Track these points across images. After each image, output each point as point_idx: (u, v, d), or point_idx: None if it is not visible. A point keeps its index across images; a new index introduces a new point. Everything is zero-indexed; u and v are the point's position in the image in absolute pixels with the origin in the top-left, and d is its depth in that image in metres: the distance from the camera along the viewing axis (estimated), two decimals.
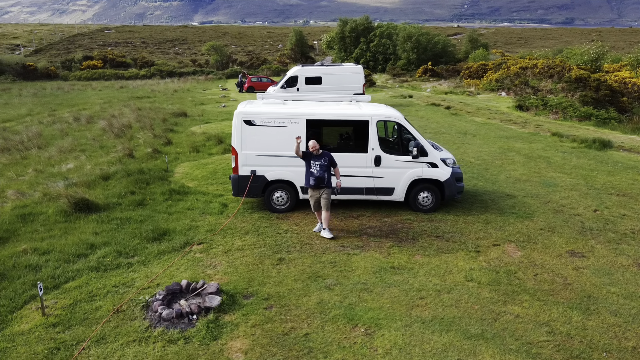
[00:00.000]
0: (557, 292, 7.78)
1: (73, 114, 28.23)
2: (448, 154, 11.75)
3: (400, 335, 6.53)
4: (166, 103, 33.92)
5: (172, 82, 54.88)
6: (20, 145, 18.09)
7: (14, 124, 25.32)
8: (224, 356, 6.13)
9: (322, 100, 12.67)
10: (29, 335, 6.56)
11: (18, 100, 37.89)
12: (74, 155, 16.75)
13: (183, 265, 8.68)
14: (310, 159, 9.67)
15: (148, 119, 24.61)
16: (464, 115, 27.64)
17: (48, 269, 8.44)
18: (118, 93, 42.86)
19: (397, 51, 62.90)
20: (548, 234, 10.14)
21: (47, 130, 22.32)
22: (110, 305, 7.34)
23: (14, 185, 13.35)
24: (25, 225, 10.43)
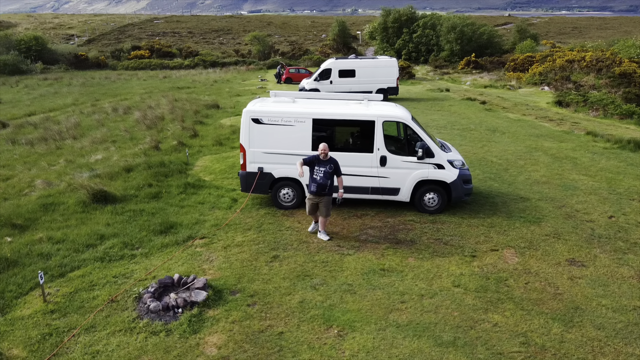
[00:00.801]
0: (544, 302, 7.70)
1: (113, 104, 29.45)
2: (457, 155, 11.67)
3: (371, 338, 6.69)
4: (204, 94, 34.77)
5: (214, 72, 56.05)
6: (57, 136, 19.15)
7: (58, 113, 26.70)
8: (199, 350, 6.48)
9: (335, 99, 12.78)
10: (27, 321, 7.13)
11: (67, 89, 39.77)
12: (104, 147, 17.60)
13: (182, 259, 9.11)
14: (315, 165, 9.51)
15: (181, 111, 25.40)
16: (498, 111, 27.01)
17: (57, 257, 9.06)
18: (160, 83, 44.23)
19: (440, 42, 61.71)
20: (552, 241, 9.96)
21: (86, 120, 23.45)
22: (106, 295, 7.84)
23: (44, 174, 14.22)
24: (46, 214, 11.15)
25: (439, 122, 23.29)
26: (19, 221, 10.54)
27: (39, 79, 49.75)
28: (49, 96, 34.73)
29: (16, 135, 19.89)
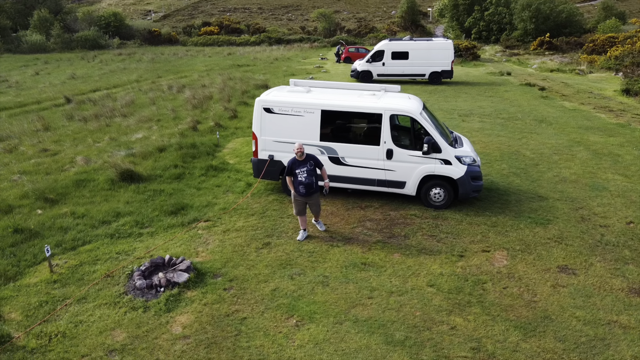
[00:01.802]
0: (514, 309, 7.68)
1: (172, 82, 30.99)
2: (467, 151, 11.51)
3: (325, 331, 7.06)
4: (259, 72, 35.64)
5: (278, 49, 56.95)
6: (109, 113, 20.64)
7: (120, 90, 28.54)
8: (166, 328, 7.15)
9: (351, 89, 12.92)
10: (31, 288, 8.14)
11: (135, 65, 42.13)
12: (148, 125, 18.80)
13: (182, 240, 9.84)
14: (295, 168, 9.44)
15: (231, 90, 26.32)
16: (555, 98, 25.71)
17: (74, 231, 10.10)
18: (223, 60, 45.67)
19: (513, 21, 58.65)
20: (551, 245, 9.73)
21: (141, 98, 24.95)
22: (105, 270, 8.72)
23: (87, 151, 15.54)
24: (76, 190, 12.31)
25: (485, 109, 22.62)
26: (52, 195, 11.73)
27: (114, 54, 52.92)
28: (117, 72, 37.02)
29: (75, 111, 21.63)
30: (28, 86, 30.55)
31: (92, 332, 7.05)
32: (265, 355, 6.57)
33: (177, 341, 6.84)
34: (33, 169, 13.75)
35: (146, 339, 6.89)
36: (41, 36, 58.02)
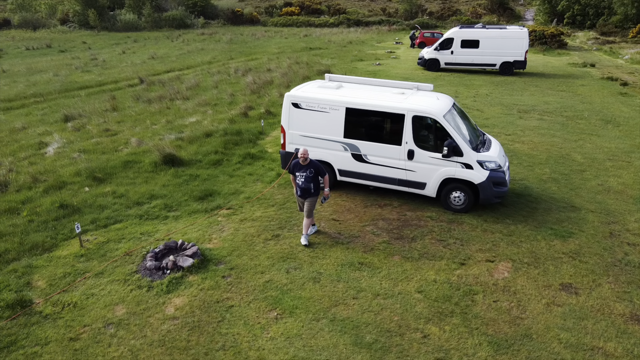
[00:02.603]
0: (496, 324, 7.69)
1: (241, 64, 32.20)
2: (492, 156, 11.29)
3: (300, 327, 7.52)
4: (328, 57, 35.99)
5: (355, 31, 56.78)
6: (173, 95, 22.05)
7: (191, 71, 30.15)
8: (161, 308, 7.96)
9: (384, 85, 13.02)
10: (61, 260, 9.29)
11: (213, 46, 44.01)
12: (203, 110, 19.93)
13: (201, 226, 10.65)
14: (296, 171, 9.55)
15: (293, 76, 26.97)
16: (635, 96, 23.89)
17: (109, 210, 11.24)
18: (297, 42, 46.43)
19: (612, 4, 54.14)
20: (564, 260, 9.46)
21: (207, 81, 26.27)
22: (126, 249, 9.71)
23: (142, 133, 16.87)
24: (123, 170, 13.54)
25: (549, 105, 21.56)
26: (100, 175, 13.02)
27: (197, 33, 55.44)
28: (194, 53, 38.94)
29: (144, 92, 23.30)
30: (112, 65, 33.08)
31: (98, 305, 8.01)
32: (237, 343, 7.17)
33: (166, 321, 7.61)
34: (92, 148, 15.22)
35: (141, 316, 7.73)
36: (134, 15, 61.98)
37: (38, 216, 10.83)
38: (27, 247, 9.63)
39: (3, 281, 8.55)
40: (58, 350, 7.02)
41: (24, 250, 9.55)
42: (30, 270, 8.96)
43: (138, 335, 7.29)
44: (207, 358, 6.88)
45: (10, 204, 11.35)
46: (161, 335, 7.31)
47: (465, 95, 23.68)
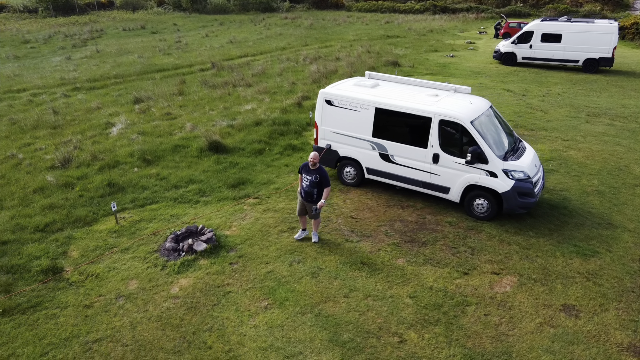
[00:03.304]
0: (479, 338, 7.75)
1: (313, 51, 32.78)
2: (520, 166, 10.99)
3: (284, 318, 8.05)
4: (403, 46, 35.63)
5: (440, 19, 55.34)
6: (237, 82, 23.13)
7: (262, 57, 31.23)
8: (168, 287, 8.82)
9: (423, 86, 13.02)
10: (96, 234, 10.48)
11: (292, 31, 44.95)
12: (261, 98, 20.78)
13: (225, 213, 11.45)
14: (303, 172, 9.62)
15: (359, 66, 27.13)
16: None
17: (149, 191, 12.35)
18: (376, 29, 46.18)
19: None
20: (576, 280, 9.18)
21: (274, 68, 27.15)
22: (154, 229, 10.73)
23: (198, 118, 18.02)
24: (172, 154, 14.68)
25: (626, 110, 20.13)
26: (150, 157, 14.24)
27: (280, 17, 56.71)
28: (272, 38, 40.08)
29: (212, 77, 24.62)
30: (192, 48, 35.00)
31: (116, 278, 9.03)
32: (224, 326, 7.84)
33: (169, 299, 8.45)
34: (150, 131, 16.56)
35: (149, 292, 8.63)
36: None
37: (87, 192, 12.16)
38: (72, 220, 10.92)
39: (44, 248, 9.84)
40: (72, 314, 8.08)
41: (68, 222, 10.84)
42: (69, 240, 10.20)
43: (141, 309, 8.19)
44: (194, 337, 7.61)
45: (68, 178, 12.79)
46: (161, 311, 8.15)
47: (535, 93, 22.65)
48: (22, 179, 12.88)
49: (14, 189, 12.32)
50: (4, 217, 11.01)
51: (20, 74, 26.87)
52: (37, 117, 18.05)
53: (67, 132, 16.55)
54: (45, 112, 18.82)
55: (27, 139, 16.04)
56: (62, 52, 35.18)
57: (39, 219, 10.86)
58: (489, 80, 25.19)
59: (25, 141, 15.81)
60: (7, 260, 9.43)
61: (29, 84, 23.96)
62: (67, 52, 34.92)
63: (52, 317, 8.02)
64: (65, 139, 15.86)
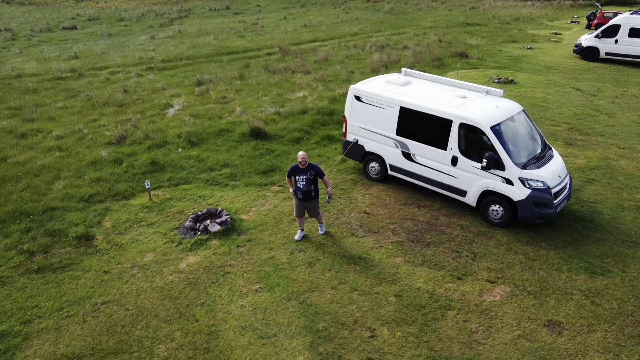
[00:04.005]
0: (448, 342, 8.03)
1: (383, 38, 32.75)
2: (540, 175, 10.80)
3: (270, 302, 8.78)
4: (480, 35, 34.55)
5: (532, 5, 52.56)
6: (297, 68, 23.88)
7: (331, 43, 31.69)
8: (177, 262, 9.85)
9: (455, 86, 13.05)
10: (130, 208, 11.76)
11: (369, 15, 44.88)
12: (315, 85, 21.40)
13: (248, 198, 12.32)
14: (295, 175, 9.92)
15: (425, 55, 26.87)
16: None
17: (185, 172, 13.51)
18: (457, 16, 44.89)
19: None
20: (574, 297, 9.06)
21: (337, 55, 27.59)
22: (181, 207, 11.84)
23: (251, 103, 19.02)
24: (215, 137, 15.79)
25: None
26: (195, 139, 15.43)
27: (362, 0, 56.51)
28: (347, 23, 40.33)
29: (275, 62, 25.56)
30: (266, 31, 36.21)
31: (136, 250, 10.21)
32: (215, 303, 8.72)
33: (174, 274, 9.48)
34: (202, 113, 17.80)
35: (160, 265, 9.71)
36: None
37: (132, 168, 13.54)
38: (113, 193, 12.30)
39: (84, 217, 11.26)
40: (92, 278, 9.34)
41: (109, 195, 12.24)
42: (106, 212, 11.56)
43: (149, 280, 9.28)
44: (187, 309, 8.56)
45: (119, 155, 14.27)
46: (165, 283, 9.19)
47: (607, 94, 21.38)
48: (81, 153, 14.53)
49: (73, 162, 13.97)
50: (58, 186, 12.60)
51: (107, 51, 29.41)
52: (108, 94, 19.94)
53: (129, 111, 18.20)
54: (116, 90, 20.71)
55: (95, 115, 17.87)
56: (149, 31, 37.78)
57: (85, 190, 12.34)
58: (560, 77, 24.02)
59: (92, 117, 17.63)
60: (51, 225, 10.92)
61: (111, 62, 26.25)
62: (153, 31, 37.46)
63: (75, 278, 9.32)
64: (126, 117, 17.49)
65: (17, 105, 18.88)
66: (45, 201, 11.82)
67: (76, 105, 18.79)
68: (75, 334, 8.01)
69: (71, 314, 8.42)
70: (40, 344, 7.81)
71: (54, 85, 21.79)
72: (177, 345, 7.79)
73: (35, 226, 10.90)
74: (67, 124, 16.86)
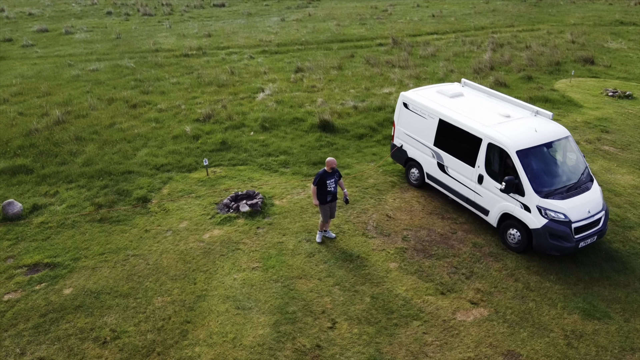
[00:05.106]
0: (399, 348, 8.70)
1: (508, 35, 31.48)
2: (562, 207, 10.60)
3: (259, 280, 10.20)
4: (627, 38, 31.51)
5: None
6: (399, 62, 24.46)
7: (449, 37, 31.34)
8: (204, 232, 11.70)
9: (506, 101, 13.07)
10: (188, 180, 13.90)
11: (509, 8, 42.75)
12: (406, 82, 21.90)
13: (287, 186, 13.77)
14: (326, 179, 10.62)
15: (543, 59, 25.58)
16: None
17: (245, 154, 15.34)
18: (611, 13, 40.83)
19: None
20: (552, 334, 9.08)
21: (448, 51, 27.39)
22: (228, 186, 13.72)
23: (335, 95, 20.26)
24: (287, 125, 17.38)
25: None
26: (268, 125, 17.23)
27: None
28: (481, 15, 39.06)
29: (381, 54, 26.32)
30: (392, 19, 36.74)
31: (177, 216, 12.29)
32: (215, 272, 10.39)
33: (196, 242, 11.35)
34: (286, 101, 19.51)
35: (188, 233, 11.66)
36: None
37: (204, 145, 15.74)
38: (180, 165, 14.59)
39: (149, 182, 13.66)
40: (134, 233, 11.60)
41: (177, 167, 14.54)
42: (168, 180, 13.86)
43: (175, 243, 11.27)
44: (192, 273, 10.37)
45: (199, 131, 16.60)
46: (185, 249, 11.10)
47: None
48: (171, 126, 17.14)
49: (161, 133, 16.61)
50: (141, 153, 15.25)
51: (237, 32, 32.53)
52: (215, 75, 22.58)
53: (226, 92, 20.58)
54: (224, 71, 23.31)
55: (197, 92, 20.55)
56: (284, 13, 40.49)
57: (160, 160, 14.79)
58: None
59: (194, 94, 20.32)
60: (123, 185, 13.49)
61: (234, 43, 29.16)
62: (286, 13, 40.11)
63: (122, 232, 11.66)
64: (221, 97, 19.87)
65: (143, 77, 22.35)
66: (127, 165, 14.47)
67: (186, 82, 21.68)
68: (103, 275, 10.26)
69: (107, 260, 10.71)
70: (77, 278, 10.18)
71: (178, 61, 25.13)
72: (171, 300, 9.61)
73: (112, 184, 13.53)
74: (172, 99, 19.71)
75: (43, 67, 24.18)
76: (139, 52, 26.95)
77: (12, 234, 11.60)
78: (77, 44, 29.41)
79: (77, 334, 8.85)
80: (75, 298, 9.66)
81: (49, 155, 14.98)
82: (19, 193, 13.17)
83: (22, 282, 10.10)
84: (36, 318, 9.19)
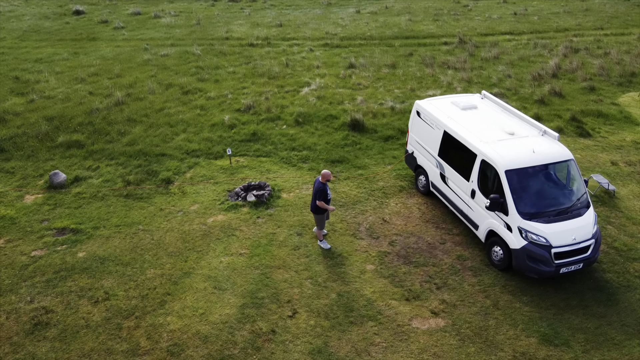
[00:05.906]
0: (346, 344, 9.53)
1: (590, 38, 29.87)
2: (543, 231, 10.71)
3: (242, 265, 11.38)
4: None
5: None
6: (454, 64, 24.37)
7: (522, 38, 30.35)
8: (209, 217, 13.05)
9: (516, 116, 13.19)
10: (211, 166, 15.36)
11: (607, 7, 40.11)
12: (455, 86, 21.89)
13: (299, 181, 14.79)
14: (326, 189, 11.32)
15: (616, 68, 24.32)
16: None
17: (271, 147, 16.49)
18: None
19: None
20: (499, 354, 9.46)
21: (514, 54, 26.63)
22: (246, 175, 15.02)
23: (378, 94, 20.83)
24: (319, 122, 18.29)
25: None
26: (301, 120, 18.27)
27: None
28: (572, 13, 37.07)
29: (441, 54, 26.28)
30: (468, 16, 36.00)
31: (191, 199, 13.77)
32: (205, 254, 11.72)
33: (199, 225, 12.74)
34: (328, 97, 20.35)
35: (196, 215, 13.09)
36: None
37: (236, 135, 17.13)
38: (209, 152, 16.08)
39: (177, 165, 15.27)
40: (151, 211, 13.23)
41: (206, 153, 16.05)
42: (194, 165, 15.40)
43: (181, 223, 12.74)
44: (187, 252, 11.77)
45: (235, 121, 18.01)
46: (188, 229, 12.54)
47: None
48: (213, 114, 18.71)
49: (202, 120, 18.23)
50: (179, 138, 16.95)
51: (307, 22, 33.66)
52: (270, 66, 23.90)
53: (274, 84, 21.82)
54: (280, 63, 24.56)
55: (247, 83, 21.99)
56: (363, 4, 40.98)
57: (193, 145, 16.39)
58: None
59: (244, 84, 21.77)
60: (154, 166, 15.21)
61: (300, 34, 30.31)
62: (364, 5, 40.59)
63: (141, 208, 13.34)
64: (268, 89, 21.17)
65: (204, 65, 24.20)
66: (163, 148, 16.21)
67: (241, 72, 23.21)
68: (113, 245, 11.96)
69: (121, 231, 12.41)
70: (92, 244, 11.96)
71: (241, 50, 26.77)
72: (161, 273, 11.08)
73: (145, 164, 15.31)
74: (224, 88, 21.32)
75: (123, 50, 26.84)
76: (210, 39, 28.93)
77: (53, 200, 13.66)
78: (160, 28, 32.05)
79: (77, 292, 10.55)
80: (85, 261, 11.41)
81: (101, 134, 17.09)
82: (68, 165, 15.31)
83: (48, 242, 12.03)
84: (50, 274, 11.02)
